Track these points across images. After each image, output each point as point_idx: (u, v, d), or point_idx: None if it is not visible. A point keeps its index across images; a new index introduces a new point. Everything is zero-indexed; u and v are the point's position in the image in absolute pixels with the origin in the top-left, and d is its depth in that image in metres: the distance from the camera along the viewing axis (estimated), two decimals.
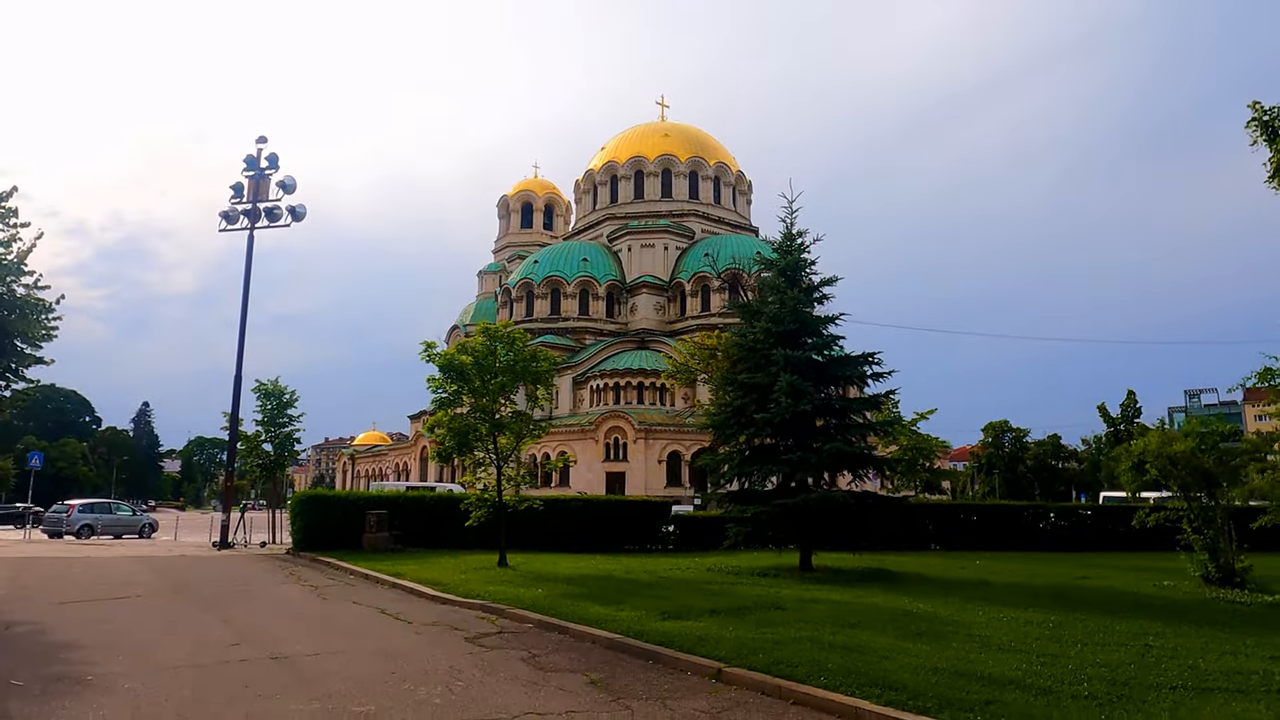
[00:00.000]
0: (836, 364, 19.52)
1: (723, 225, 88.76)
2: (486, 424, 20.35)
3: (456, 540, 25.88)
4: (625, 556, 24.25)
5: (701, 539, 26.92)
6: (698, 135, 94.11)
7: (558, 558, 22.81)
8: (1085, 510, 31.21)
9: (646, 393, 73.84)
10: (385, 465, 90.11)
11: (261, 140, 30.34)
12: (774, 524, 18.45)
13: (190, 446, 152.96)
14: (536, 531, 24.45)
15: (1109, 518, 30.09)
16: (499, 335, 20.82)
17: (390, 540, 24.93)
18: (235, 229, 30.22)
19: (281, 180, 29.79)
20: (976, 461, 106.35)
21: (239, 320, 30.14)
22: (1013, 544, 27.74)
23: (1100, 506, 33.71)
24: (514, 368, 20.63)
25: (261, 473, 33.43)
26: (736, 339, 20.32)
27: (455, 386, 20.61)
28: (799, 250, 20.30)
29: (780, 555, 20.57)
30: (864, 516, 18.81)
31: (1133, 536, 28.11)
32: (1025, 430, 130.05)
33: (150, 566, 22.24)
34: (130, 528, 39.20)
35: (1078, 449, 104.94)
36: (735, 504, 19.22)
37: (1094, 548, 27.54)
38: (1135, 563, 22.58)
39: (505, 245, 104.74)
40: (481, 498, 20.84)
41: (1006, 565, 21.52)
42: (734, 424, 19.72)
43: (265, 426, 32.70)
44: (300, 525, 25.21)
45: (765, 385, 19.42)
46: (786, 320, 19.49)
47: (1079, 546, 27.36)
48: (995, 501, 35.33)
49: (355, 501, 25.69)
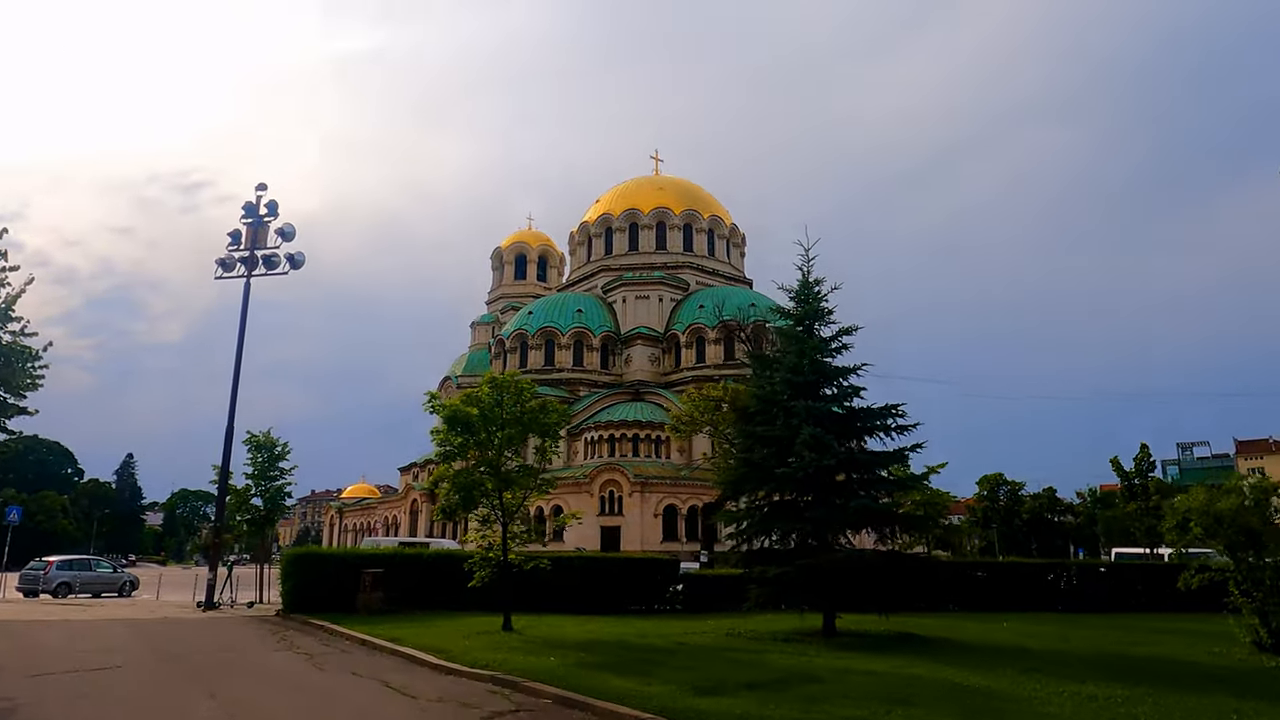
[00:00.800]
0: (858, 416, 18.75)
1: (717, 277, 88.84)
2: (493, 478, 19.40)
3: (454, 601, 24.68)
4: (634, 618, 23.10)
5: (711, 600, 25.74)
6: (691, 189, 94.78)
7: (563, 620, 21.67)
8: (1102, 569, 30.15)
9: (642, 445, 72.82)
10: (374, 519, 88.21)
11: (261, 187, 29.83)
12: (797, 585, 17.46)
13: (173, 499, 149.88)
14: (537, 591, 23.25)
15: (1129, 576, 29.06)
16: (506, 386, 19.99)
17: (385, 601, 23.72)
18: (232, 276, 29.48)
19: (281, 228, 29.19)
20: (972, 515, 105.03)
21: (232, 370, 29.26)
22: (1029, 604, 26.61)
23: (1120, 564, 32.63)
24: (522, 419, 19.78)
25: (250, 528, 32.13)
26: (753, 389, 19.59)
27: (460, 439, 19.71)
28: (817, 299, 19.69)
29: (801, 618, 19.51)
30: (891, 577, 17.85)
31: (1155, 596, 27.19)
32: (1020, 483, 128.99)
33: (133, 630, 20.97)
34: (110, 585, 37.66)
35: (1073, 502, 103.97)
36: (757, 564, 18.20)
37: (1115, 608, 26.44)
38: (1169, 625, 21.56)
39: (499, 296, 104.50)
40: (486, 557, 19.78)
41: (1037, 628, 20.46)
42: (752, 479, 18.85)
43: (255, 480, 31.53)
44: (291, 585, 23.98)
45: (785, 438, 18.64)
46: (806, 370, 18.80)
47: (1099, 607, 26.25)
48: (1014, 560, 34.03)
49: (348, 560, 24.53)
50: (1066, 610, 25.97)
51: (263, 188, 29.85)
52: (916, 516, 19.56)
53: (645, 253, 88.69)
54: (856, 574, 17.38)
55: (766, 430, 19.18)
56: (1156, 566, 30.50)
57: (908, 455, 18.30)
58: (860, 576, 17.47)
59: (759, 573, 17.61)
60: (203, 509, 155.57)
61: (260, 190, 29.79)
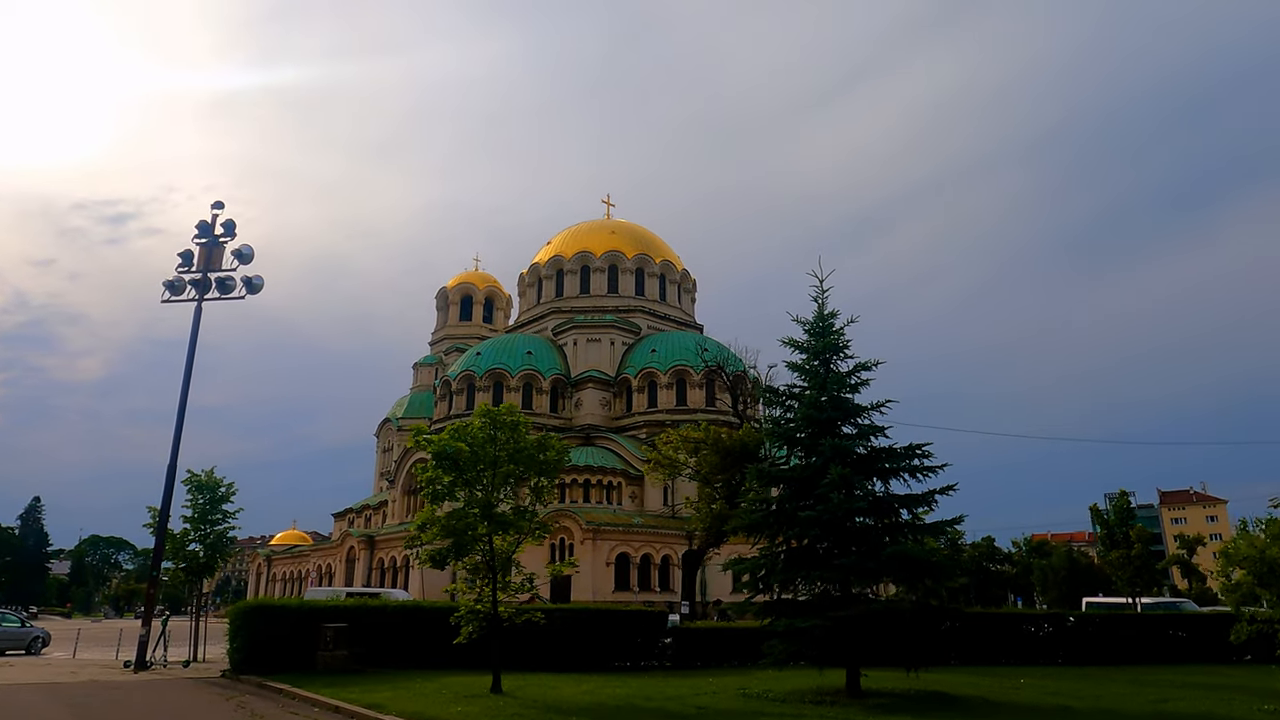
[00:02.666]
0: (880, 456, 17.54)
1: (669, 322, 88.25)
2: (486, 522, 17.53)
3: (425, 658, 22.50)
4: (625, 676, 21.23)
5: (703, 654, 24.07)
6: (643, 233, 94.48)
7: (554, 680, 19.70)
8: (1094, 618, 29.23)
9: (594, 491, 70.78)
10: (306, 567, 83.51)
11: (218, 205, 27.71)
12: (824, 639, 16.00)
13: (82, 546, 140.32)
14: (517, 646, 21.21)
15: (1118, 626, 28.14)
16: (501, 420, 18.23)
17: (350, 659, 21.39)
18: (181, 300, 27.12)
19: (238, 249, 27.04)
20: None
21: (176, 406, 26.71)
22: (1026, 656, 25.50)
23: (1147, 615, 31.37)
24: (518, 456, 18.02)
25: (187, 576, 29.21)
26: (771, 427, 18.28)
27: (449, 477, 17.83)
28: (836, 332, 18.58)
29: (820, 675, 17.98)
30: (921, 630, 16.52)
31: (1147, 646, 26.28)
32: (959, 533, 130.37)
33: (52, 698, 18.21)
34: (17, 642, 33.60)
35: (1010, 552, 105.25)
36: (783, 616, 16.62)
37: (1113, 660, 25.41)
38: (1192, 679, 20.63)
39: (443, 337, 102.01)
40: (473, 609, 17.77)
41: (1062, 685, 19.22)
42: (772, 523, 17.40)
43: (194, 524, 28.80)
44: (241, 641, 21.43)
45: (805, 478, 17.36)
46: (826, 406, 17.59)
47: (1105, 659, 25.08)
48: (1021, 610, 32.31)
49: (306, 612, 22.11)
50: (1068, 662, 24.97)
51: (219, 206, 27.77)
52: (947, 564, 18.30)
53: (597, 295, 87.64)
54: (888, 627, 16.02)
55: (786, 471, 17.86)
56: (1169, 618, 29.69)
57: (934, 499, 17.13)
58: (891, 629, 16.11)
59: (785, 626, 16.07)
60: (115, 556, 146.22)
61: (216, 209, 27.68)
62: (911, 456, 17.49)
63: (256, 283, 27.11)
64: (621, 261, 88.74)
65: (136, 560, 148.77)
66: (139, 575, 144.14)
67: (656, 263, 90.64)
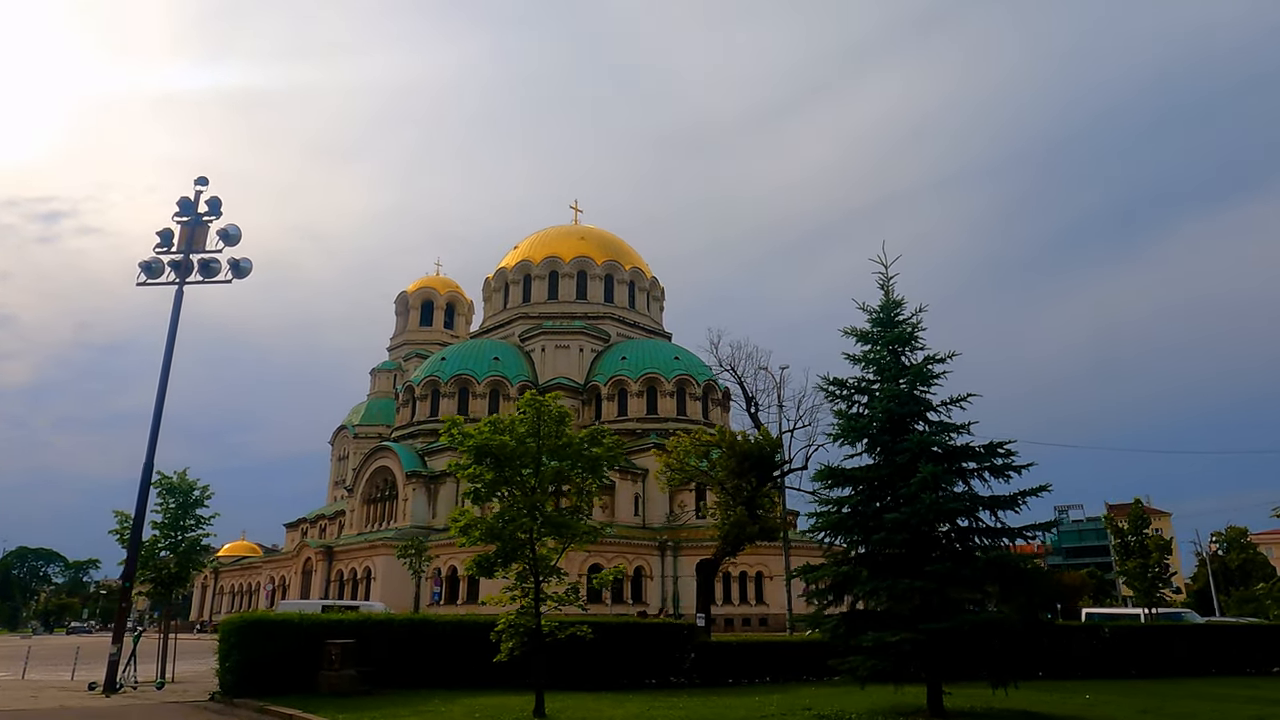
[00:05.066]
0: (959, 455, 16.18)
1: (638, 330, 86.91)
2: (537, 524, 15.72)
3: (435, 677, 20.54)
4: (663, 695, 19.41)
5: (733, 669, 22.44)
6: (613, 240, 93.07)
7: (592, 701, 17.88)
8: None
9: (564, 500, 68.75)
10: (257, 580, 79.57)
11: (201, 181, 25.31)
12: (910, 654, 14.55)
13: (9, 558, 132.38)
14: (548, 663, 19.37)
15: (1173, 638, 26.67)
16: (547, 411, 16.39)
17: (358, 679, 19.27)
18: (159, 283, 24.66)
19: (224, 228, 24.71)
20: None
21: (155, 395, 24.22)
22: (1096, 669, 23.90)
23: (1209, 626, 30.21)
24: (567, 450, 16.19)
25: (155, 588, 26.61)
26: (842, 423, 16.79)
27: (491, 474, 15.98)
28: (905, 322, 17.25)
29: (896, 691, 16.49)
30: (1016, 643, 15.19)
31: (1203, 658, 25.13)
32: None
33: None
34: None
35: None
36: (869, 628, 15.04)
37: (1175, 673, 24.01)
38: (1263, 693, 19.66)
39: (403, 343, 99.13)
40: (514, 623, 15.87)
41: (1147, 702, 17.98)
42: (852, 525, 15.92)
43: (164, 530, 26.29)
44: (235, 660, 19.11)
45: (884, 478, 15.98)
46: (908, 400, 16.24)
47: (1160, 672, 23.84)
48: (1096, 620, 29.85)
49: (308, 628, 19.90)
50: (1141, 676, 23.79)
51: (203, 182, 25.39)
52: (1044, 573, 17.11)
53: (565, 302, 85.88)
54: (980, 640, 14.65)
55: (863, 471, 16.41)
56: (1222, 629, 28.86)
57: (1023, 501, 15.85)
58: (982, 643, 14.74)
59: (874, 640, 14.54)
60: (44, 569, 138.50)
61: (200, 185, 25.31)
62: (993, 456, 16.19)
63: (245, 265, 24.83)
64: (591, 267, 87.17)
65: (67, 573, 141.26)
66: (70, 589, 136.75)
67: (626, 269, 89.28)
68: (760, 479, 28.02)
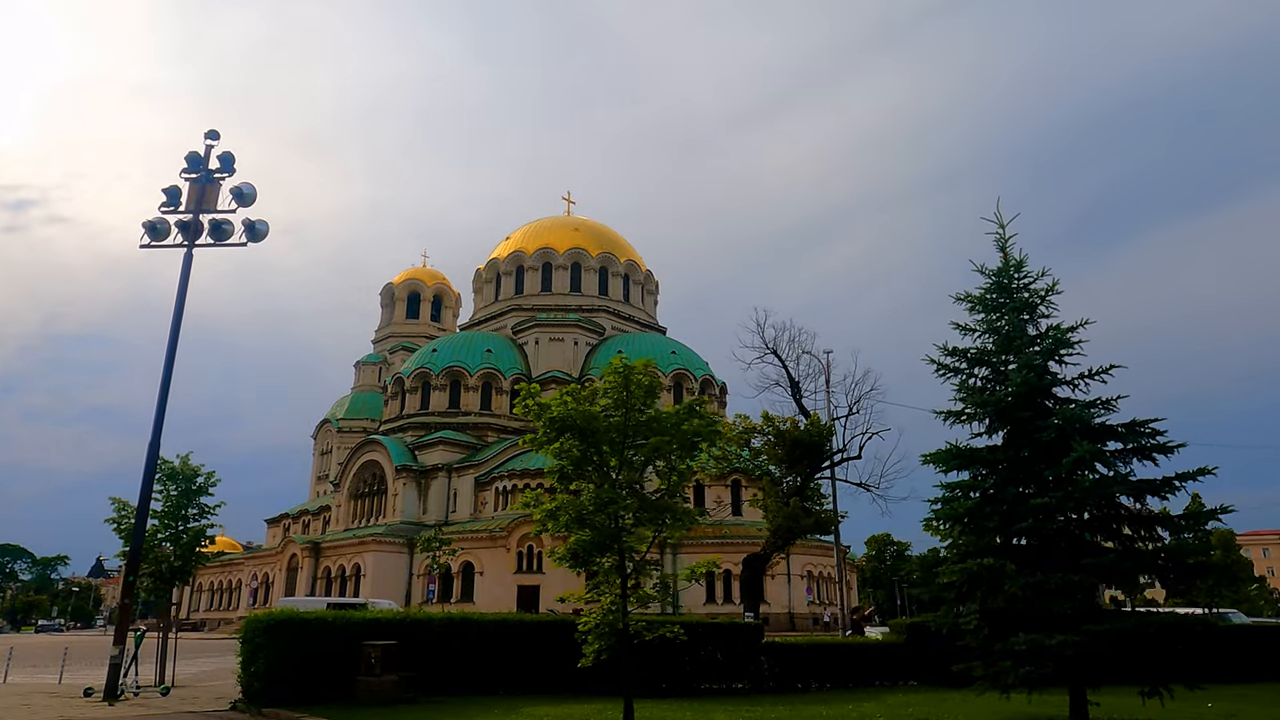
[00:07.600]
0: (1107, 435, 14.34)
1: (632, 324, 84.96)
2: (635, 509, 13.66)
3: (480, 680, 18.43)
4: (733, 701, 17.41)
5: (804, 674, 20.51)
6: (607, 232, 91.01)
7: (674, 709, 15.87)
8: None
9: (560, 496, 66.62)
10: (238, 577, 76.46)
11: (212, 136, 22.92)
12: (1069, 659, 12.69)
13: None
14: (611, 667, 17.25)
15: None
16: (638, 378, 14.24)
17: (400, 685, 17.08)
18: (165, 245, 22.23)
19: (238, 187, 22.34)
20: (861, 575, 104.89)
21: (161, 375, 21.77)
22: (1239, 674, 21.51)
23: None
24: (658, 425, 14.08)
25: (155, 583, 24.19)
26: (966, 395, 14.92)
27: (580, 450, 13.89)
28: (1027, 288, 15.42)
29: (1028, 699, 14.59)
30: (1179, 645, 13.39)
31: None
32: (906, 544, 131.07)
33: None
34: None
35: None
36: (1019, 628, 13.10)
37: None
38: None
39: (388, 335, 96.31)
40: (602, 623, 13.77)
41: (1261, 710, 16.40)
42: (989, 513, 14.02)
43: (165, 520, 23.91)
44: (261, 665, 16.80)
45: (1019, 460, 14.14)
46: (1045, 374, 14.42)
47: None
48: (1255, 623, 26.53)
49: (345, 628, 17.65)
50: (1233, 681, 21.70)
51: (214, 135, 23.01)
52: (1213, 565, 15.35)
53: (559, 294, 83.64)
54: (1141, 642, 12.83)
55: (974, 450, 14.57)
56: None
57: (1179, 485, 14.06)
58: (1143, 645, 12.92)
59: (1029, 643, 12.63)
60: (10, 565, 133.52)
61: (211, 139, 22.93)
62: (1141, 435, 14.37)
63: (260, 227, 22.47)
64: (585, 260, 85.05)
65: (34, 570, 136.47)
66: (38, 586, 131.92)
67: (621, 262, 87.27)
68: (811, 469, 26.13)
